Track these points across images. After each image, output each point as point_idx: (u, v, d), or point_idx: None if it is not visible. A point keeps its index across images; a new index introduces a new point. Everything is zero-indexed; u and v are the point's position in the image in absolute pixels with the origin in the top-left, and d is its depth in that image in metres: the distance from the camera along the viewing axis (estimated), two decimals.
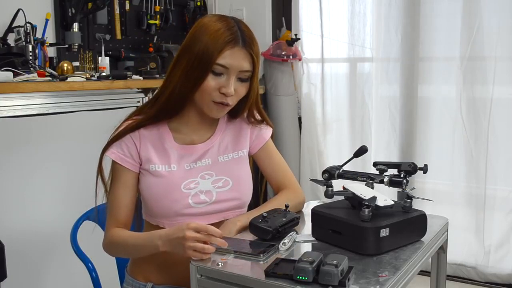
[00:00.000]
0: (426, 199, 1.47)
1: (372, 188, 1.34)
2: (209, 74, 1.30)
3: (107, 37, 2.86)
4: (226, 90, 1.31)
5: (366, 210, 1.17)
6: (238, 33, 1.32)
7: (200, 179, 1.38)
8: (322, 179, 1.37)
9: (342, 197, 1.49)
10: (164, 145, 1.38)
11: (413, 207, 1.29)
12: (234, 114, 1.45)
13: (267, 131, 1.52)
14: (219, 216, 1.41)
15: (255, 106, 1.45)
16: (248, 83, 1.36)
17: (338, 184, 1.47)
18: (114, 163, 1.38)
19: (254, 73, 1.36)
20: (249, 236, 1.29)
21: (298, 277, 1.01)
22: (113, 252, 1.44)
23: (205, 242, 1.15)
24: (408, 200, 1.27)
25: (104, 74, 2.44)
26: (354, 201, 1.28)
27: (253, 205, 1.48)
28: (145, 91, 2.54)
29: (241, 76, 1.33)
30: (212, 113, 1.36)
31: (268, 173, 1.53)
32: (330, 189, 1.32)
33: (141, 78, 2.56)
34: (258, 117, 1.49)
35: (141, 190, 1.39)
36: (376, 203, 1.21)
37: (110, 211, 1.38)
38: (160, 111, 1.37)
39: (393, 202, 1.24)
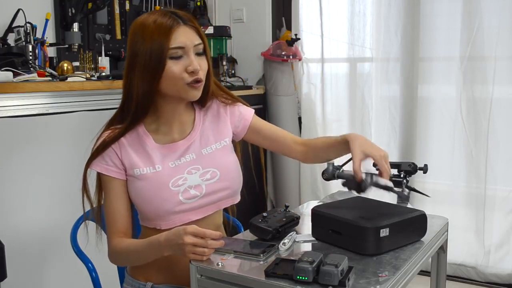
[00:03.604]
0: (424, 194, 1.47)
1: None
2: (168, 62, 1.30)
3: (107, 37, 2.86)
4: (193, 66, 1.31)
5: (368, 177, 1.17)
6: (174, 16, 1.33)
7: (187, 174, 1.38)
8: None
9: (342, 197, 1.49)
10: (145, 148, 1.38)
11: (413, 207, 1.30)
12: (203, 97, 1.43)
13: (248, 112, 1.52)
14: (212, 208, 1.41)
15: (212, 82, 1.45)
16: (205, 56, 1.37)
17: (338, 184, 1.47)
18: (101, 175, 1.38)
19: (205, 45, 1.37)
20: (249, 236, 1.30)
21: (298, 277, 1.01)
22: (118, 262, 1.45)
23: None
24: (407, 190, 1.26)
25: (104, 74, 2.44)
26: (352, 183, 1.28)
27: (255, 203, 1.48)
28: None
29: (197, 51, 1.34)
30: (190, 95, 1.35)
31: (271, 140, 1.52)
32: (331, 166, 1.31)
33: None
34: (224, 94, 1.50)
35: (131, 196, 1.39)
36: (375, 179, 1.21)
37: (108, 223, 1.38)
38: (133, 117, 1.36)
39: (392, 184, 1.24)
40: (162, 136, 1.41)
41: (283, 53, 3.25)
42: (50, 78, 2.17)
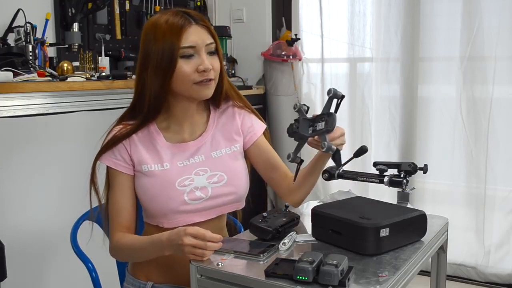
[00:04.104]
0: (339, 163, 1.35)
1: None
2: (179, 61, 1.30)
3: (107, 37, 2.86)
4: (204, 66, 1.31)
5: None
6: (186, 15, 1.33)
7: (195, 175, 1.38)
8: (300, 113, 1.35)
9: (342, 197, 1.49)
10: (155, 146, 1.39)
11: (413, 207, 1.29)
12: (217, 97, 1.43)
13: (259, 127, 1.52)
14: (216, 211, 1.41)
15: (226, 81, 1.45)
16: (217, 56, 1.37)
17: (338, 184, 1.46)
18: (108, 169, 1.39)
19: (217, 44, 1.37)
20: (249, 236, 1.30)
21: (298, 277, 1.01)
22: (119, 257, 1.45)
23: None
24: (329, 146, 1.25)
25: (104, 74, 2.43)
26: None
27: (256, 203, 1.48)
28: None
29: (209, 50, 1.35)
30: (200, 93, 1.35)
31: (267, 165, 1.51)
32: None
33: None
34: (240, 101, 1.50)
35: (137, 192, 1.39)
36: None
37: (112, 216, 1.38)
38: (146, 116, 1.37)
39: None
40: (173, 135, 1.41)
41: (283, 53, 3.25)
42: (50, 78, 2.17)
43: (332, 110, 1.28)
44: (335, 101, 1.30)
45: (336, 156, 1.27)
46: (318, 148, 1.36)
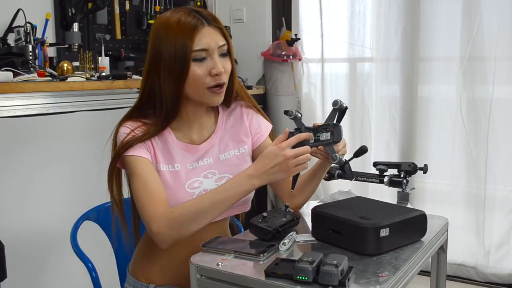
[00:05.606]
0: (349, 175, 1.33)
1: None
2: (192, 64, 1.29)
3: (107, 37, 2.86)
4: (217, 69, 1.30)
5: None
6: (198, 16, 1.31)
7: (203, 178, 1.38)
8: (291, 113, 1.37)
9: (342, 197, 1.49)
10: (167, 145, 1.38)
11: (413, 207, 1.29)
12: (228, 98, 1.42)
13: (266, 128, 1.52)
14: (223, 214, 1.40)
15: (237, 81, 1.45)
16: (228, 57, 1.36)
17: (338, 184, 1.46)
18: (132, 162, 1.32)
19: (229, 45, 1.36)
20: (249, 236, 1.30)
21: (298, 277, 1.01)
22: (178, 223, 1.24)
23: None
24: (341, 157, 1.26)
25: (104, 74, 2.43)
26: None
27: (255, 203, 1.48)
28: None
29: (221, 52, 1.33)
30: (212, 100, 1.35)
31: None
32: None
33: (141, 78, 2.56)
34: (248, 101, 1.50)
35: None
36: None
37: (150, 195, 1.28)
38: (165, 121, 1.35)
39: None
40: (182, 135, 1.41)
41: (283, 53, 3.25)
42: (50, 78, 2.17)
43: (334, 121, 1.29)
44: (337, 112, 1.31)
45: (346, 167, 1.27)
46: (319, 158, 1.39)
